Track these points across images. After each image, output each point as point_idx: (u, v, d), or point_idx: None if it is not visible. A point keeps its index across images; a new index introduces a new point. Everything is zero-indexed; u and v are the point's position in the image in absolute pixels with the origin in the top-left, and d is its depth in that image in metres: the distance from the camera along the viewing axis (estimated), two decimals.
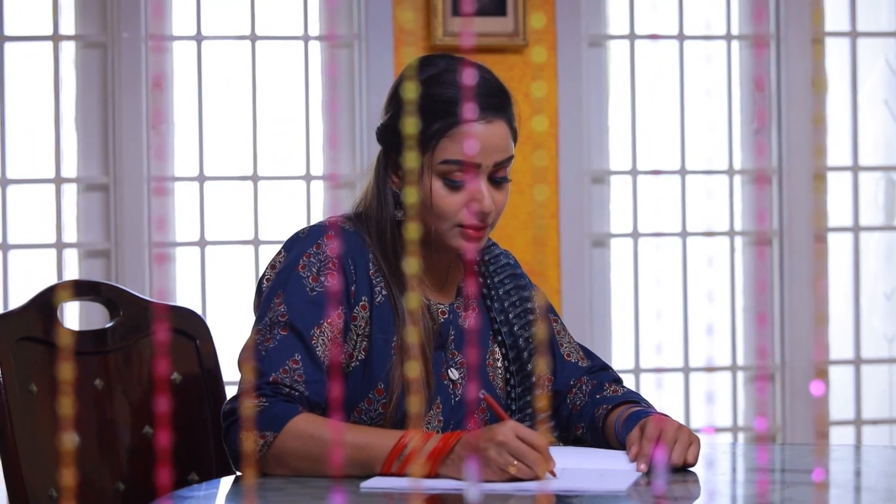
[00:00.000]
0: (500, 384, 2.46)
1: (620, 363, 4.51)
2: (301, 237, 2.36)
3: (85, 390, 2.58)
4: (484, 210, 2.31)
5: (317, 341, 2.27)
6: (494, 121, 2.32)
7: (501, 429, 2.04)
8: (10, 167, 4.19)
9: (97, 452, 2.57)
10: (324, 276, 2.30)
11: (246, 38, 4.31)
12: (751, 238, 4.61)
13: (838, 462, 2.37)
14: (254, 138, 4.31)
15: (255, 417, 2.18)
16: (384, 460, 2.09)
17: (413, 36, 4.31)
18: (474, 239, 2.34)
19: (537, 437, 2.04)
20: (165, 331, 2.69)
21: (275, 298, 2.30)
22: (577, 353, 2.54)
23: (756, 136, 4.60)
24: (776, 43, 4.55)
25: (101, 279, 4.18)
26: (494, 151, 2.32)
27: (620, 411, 2.36)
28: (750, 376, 4.61)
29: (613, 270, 4.53)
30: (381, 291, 2.34)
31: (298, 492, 2.05)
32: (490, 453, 2.03)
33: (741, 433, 4.62)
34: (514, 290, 2.51)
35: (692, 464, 2.20)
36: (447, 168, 2.30)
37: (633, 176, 4.51)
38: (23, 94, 4.23)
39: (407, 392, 2.30)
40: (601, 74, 4.50)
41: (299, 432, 2.15)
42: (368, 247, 2.36)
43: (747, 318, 4.62)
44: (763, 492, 2.04)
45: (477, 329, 2.46)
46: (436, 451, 2.06)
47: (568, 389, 2.50)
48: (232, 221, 4.31)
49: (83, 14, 4.23)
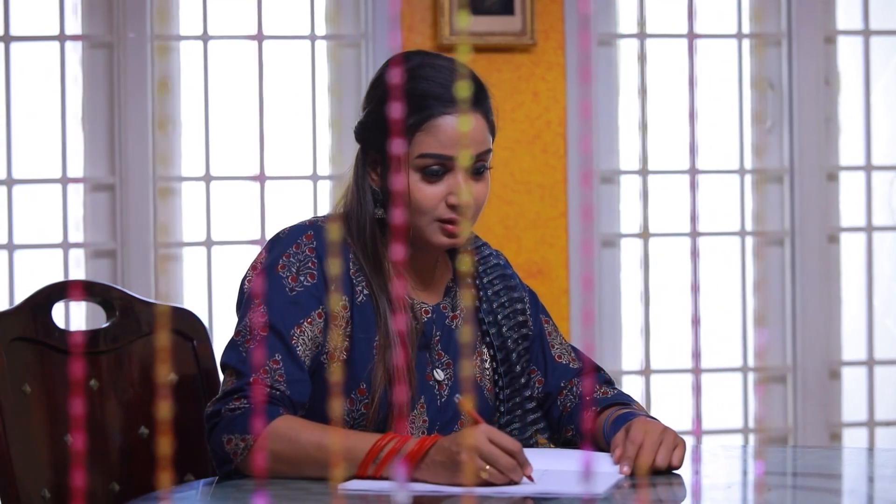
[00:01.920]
0: (489, 386, 2.44)
1: (630, 364, 4.49)
2: (281, 238, 2.35)
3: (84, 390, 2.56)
4: (461, 204, 2.30)
5: (297, 341, 2.25)
6: (469, 113, 2.31)
7: (474, 433, 2.01)
8: (16, 167, 4.18)
9: (92, 453, 2.55)
10: (303, 276, 2.29)
11: (252, 37, 4.30)
12: (762, 238, 4.57)
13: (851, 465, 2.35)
14: (260, 138, 4.26)
15: (235, 420, 2.17)
16: (360, 462, 2.07)
17: (420, 35, 4.29)
18: (453, 234, 2.32)
19: (511, 442, 2.01)
20: (163, 332, 2.68)
21: (255, 299, 2.29)
22: (569, 354, 2.51)
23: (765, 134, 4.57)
24: (787, 41, 4.52)
25: (108, 279, 4.18)
26: (470, 143, 2.31)
27: (609, 413, 2.33)
28: (762, 377, 4.58)
29: (623, 271, 4.50)
30: (362, 291, 2.33)
31: (278, 493, 2.04)
32: (462, 457, 2.01)
33: (752, 435, 4.58)
34: (504, 290, 2.49)
35: (677, 466, 2.18)
36: (424, 162, 2.29)
37: (643, 175, 4.48)
38: (29, 95, 4.22)
39: (389, 391, 2.28)
40: (611, 73, 4.48)
41: (279, 435, 2.14)
42: (349, 246, 2.35)
43: (759, 319, 4.58)
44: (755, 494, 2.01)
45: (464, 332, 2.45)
46: (411, 454, 2.04)
47: (559, 391, 2.48)
48: (238, 221, 4.30)
49: (89, 14, 4.22)
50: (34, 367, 2.49)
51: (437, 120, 2.28)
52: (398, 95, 2.32)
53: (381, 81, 2.37)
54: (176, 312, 2.73)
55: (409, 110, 2.30)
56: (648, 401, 4.48)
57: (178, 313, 2.73)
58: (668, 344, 4.54)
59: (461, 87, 2.30)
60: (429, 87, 2.30)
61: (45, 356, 2.50)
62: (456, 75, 2.31)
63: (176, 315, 2.72)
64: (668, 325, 4.54)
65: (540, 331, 2.51)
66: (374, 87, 2.38)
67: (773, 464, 2.36)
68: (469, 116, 2.31)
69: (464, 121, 2.32)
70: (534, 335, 2.48)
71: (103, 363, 2.61)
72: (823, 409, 4.52)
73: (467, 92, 2.32)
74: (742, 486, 2.14)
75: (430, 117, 2.28)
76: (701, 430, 4.47)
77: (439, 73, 2.30)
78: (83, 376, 2.57)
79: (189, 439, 2.65)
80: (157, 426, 2.56)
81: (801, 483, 2.19)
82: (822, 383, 4.52)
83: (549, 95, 4.37)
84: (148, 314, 2.68)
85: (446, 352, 2.41)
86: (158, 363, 2.63)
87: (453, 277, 2.48)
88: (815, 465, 2.35)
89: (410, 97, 2.30)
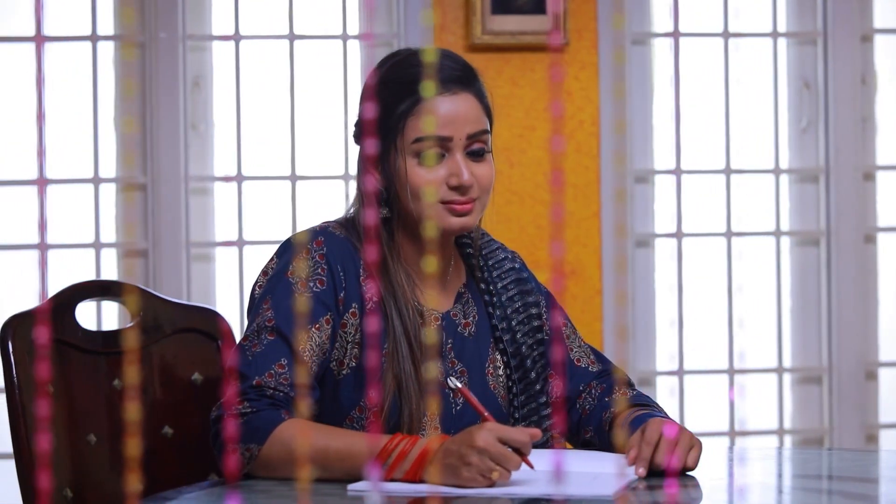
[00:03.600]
0: (502, 393, 2.41)
1: (664, 365, 4.46)
2: (291, 243, 2.35)
3: (104, 390, 2.56)
4: (463, 183, 2.28)
5: (304, 346, 2.24)
6: (460, 93, 2.31)
7: (481, 433, 1.99)
8: (49, 167, 4.19)
9: (115, 453, 2.55)
10: (313, 282, 2.28)
11: (284, 37, 4.29)
12: (798, 238, 4.54)
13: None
14: (292, 138, 4.29)
15: (240, 427, 2.15)
16: (371, 464, 2.05)
17: (452, 35, 4.27)
18: (461, 214, 2.30)
19: (519, 433, 1.99)
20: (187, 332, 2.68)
21: (263, 304, 2.29)
22: (588, 357, 2.49)
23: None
24: (823, 40, 4.48)
25: (140, 279, 4.19)
26: (465, 123, 2.30)
27: (627, 415, 2.31)
28: (797, 378, 4.54)
29: (657, 271, 4.48)
30: (371, 298, 2.31)
31: (286, 493, 2.02)
32: (472, 459, 1.98)
33: (787, 436, 4.55)
34: (518, 295, 2.46)
35: (692, 468, 2.15)
36: (419, 146, 2.29)
37: (678, 175, 4.46)
38: (62, 95, 4.23)
39: (398, 398, 2.27)
40: (645, 73, 4.45)
41: (284, 441, 2.12)
42: (359, 252, 2.33)
43: (794, 320, 4.55)
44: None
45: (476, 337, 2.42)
46: (420, 456, 2.02)
47: (577, 395, 2.45)
48: (270, 221, 4.29)
49: (121, 14, 4.23)
50: (58, 367, 2.49)
51: (428, 103, 2.28)
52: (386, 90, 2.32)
53: (371, 78, 2.39)
54: (200, 312, 2.73)
55: (399, 98, 2.30)
56: (682, 401, 4.45)
57: (201, 313, 2.72)
58: (702, 344, 4.51)
59: (448, 68, 2.31)
60: (416, 72, 2.30)
61: (67, 356, 2.50)
62: (444, 58, 2.32)
63: (199, 315, 2.71)
64: (702, 326, 4.51)
65: (558, 333, 2.48)
66: (365, 88, 2.39)
67: (809, 467, 2.33)
68: (459, 95, 2.30)
69: (454, 100, 2.31)
70: (550, 338, 2.45)
71: (130, 363, 2.61)
72: (860, 411, 4.48)
73: (455, 72, 2.31)
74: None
75: (420, 101, 2.28)
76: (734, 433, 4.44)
77: (427, 59, 2.32)
78: (105, 376, 2.57)
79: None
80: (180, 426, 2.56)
81: (836, 487, 2.15)
82: (858, 384, 4.48)
83: (582, 95, 4.35)
84: (171, 314, 2.68)
85: (459, 360, 2.39)
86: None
87: (465, 283, 2.46)
88: (850, 468, 2.31)
89: (400, 85, 2.30)
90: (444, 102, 2.29)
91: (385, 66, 2.36)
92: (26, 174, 4.21)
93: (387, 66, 2.35)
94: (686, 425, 4.37)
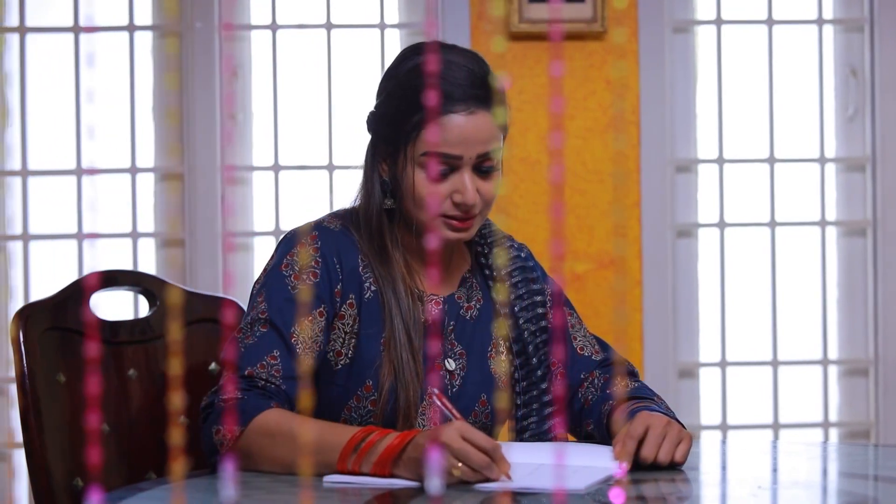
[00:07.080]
0: (504, 378, 2.40)
1: (707, 356, 4.41)
2: (288, 238, 2.36)
3: (119, 379, 2.56)
4: (467, 203, 2.26)
5: (296, 338, 2.24)
6: (477, 112, 2.25)
7: (446, 430, 1.96)
8: (86, 158, 4.21)
9: (128, 443, 2.55)
10: (306, 275, 2.27)
11: (322, 26, 4.28)
12: (844, 228, 4.47)
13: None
14: (329, 127, 4.28)
15: (226, 412, 2.15)
16: (339, 456, 2.03)
17: (490, 24, 4.24)
18: (460, 230, 2.29)
19: (485, 439, 1.96)
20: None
21: (258, 297, 2.29)
22: (592, 346, 2.46)
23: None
24: (870, 26, 4.41)
25: (177, 268, 4.20)
26: (477, 143, 2.25)
27: (623, 408, 2.27)
28: (843, 370, 4.48)
29: (700, 261, 4.43)
30: (369, 287, 2.31)
31: (263, 486, 2.01)
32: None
33: (832, 429, 4.48)
34: (523, 282, 2.45)
35: (681, 462, 2.11)
36: (428, 160, 2.26)
37: (720, 164, 4.40)
38: (99, 84, 4.25)
39: (396, 387, 2.26)
40: (688, 60, 4.40)
41: (264, 429, 2.12)
42: (357, 243, 2.32)
43: (840, 311, 4.48)
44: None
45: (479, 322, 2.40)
46: (389, 448, 2.00)
47: (579, 384, 2.43)
48: (307, 210, 4.28)
49: (162, 4, 4.23)
50: (71, 356, 2.49)
51: (443, 118, 2.24)
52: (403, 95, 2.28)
53: (392, 73, 2.34)
54: (218, 302, 2.72)
55: (415, 107, 2.26)
56: (724, 393, 4.40)
57: (218, 303, 2.72)
58: (745, 335, 4.46)
59: (469, 84, 2.25)
60: (437, 82, 2.25)
61: (80, 345, 2.50)
62: (467, 72, 2.26)
63: (218, 304, 2.71)
64: (745, 317, 4.45)
65: (562, 323, 2.46)
66: (386, 78, 2.35)
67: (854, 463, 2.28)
68: (476, 115, 2.26)
69: (470, 120, 2.26)
70: (555, 328, 2.43)
71: (143, 352, 2.61)
72: None
73: (475, 90, 2.26)
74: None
75: (436, 115, 2.24)
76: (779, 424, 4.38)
77: (449, 70, 2.25)
78: (120, 365, 2.57)
79: None
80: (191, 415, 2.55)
81: (882, 486, 2.07)
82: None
83: (622, 83, 4.30)
84: (189, 303, 2.68)
85: (459, 341, 2.37)
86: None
87: (470, 268, 2.45)
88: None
89: (416, 93, 2.26)
90: (459, 121, 2.24)
91: (408, 64, 2.30)
92: (65, 164, 4.22)
93: (409, 65, 2.30)
94: (729, 418, 4.36)
